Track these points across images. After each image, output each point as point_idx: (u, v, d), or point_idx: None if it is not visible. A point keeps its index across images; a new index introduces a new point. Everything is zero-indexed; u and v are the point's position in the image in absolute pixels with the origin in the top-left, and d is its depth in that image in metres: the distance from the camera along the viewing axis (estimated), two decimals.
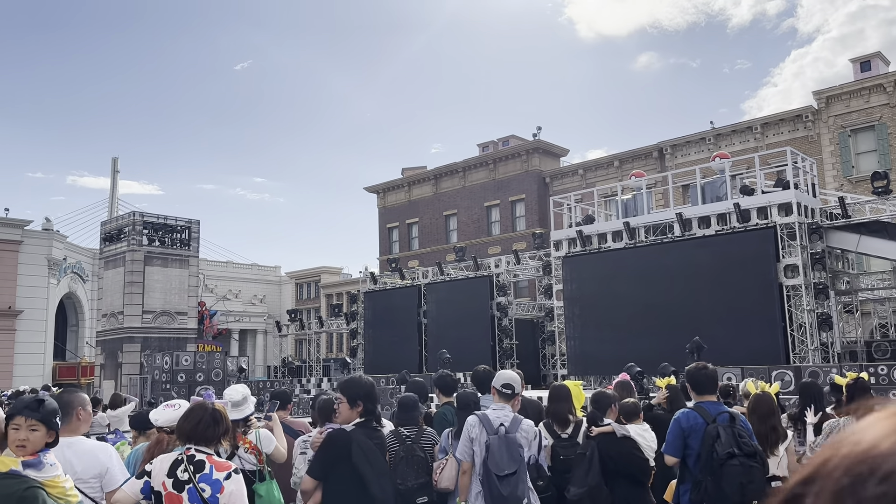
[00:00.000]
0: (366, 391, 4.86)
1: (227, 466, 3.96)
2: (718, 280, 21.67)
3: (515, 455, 5.22)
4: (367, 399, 4.83)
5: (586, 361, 24.89)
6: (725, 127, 37.15)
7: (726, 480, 4.93)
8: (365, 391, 4.86)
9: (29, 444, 3.28)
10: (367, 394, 4.86)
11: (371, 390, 4.90)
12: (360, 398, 4.81)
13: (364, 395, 4.84)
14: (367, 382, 4.98)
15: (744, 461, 4.96)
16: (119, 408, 12.52)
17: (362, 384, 4.95)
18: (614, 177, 39.29)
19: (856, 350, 24.67)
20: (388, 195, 51.96)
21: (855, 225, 21.60)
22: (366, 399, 4.82)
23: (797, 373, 15.28)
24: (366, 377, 5.24)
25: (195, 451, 3.92)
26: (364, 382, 4.98)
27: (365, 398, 4.83)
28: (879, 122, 32.80)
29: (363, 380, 5.07)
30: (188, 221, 36.50)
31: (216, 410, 4.13)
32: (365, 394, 4.84)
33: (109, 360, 34.40)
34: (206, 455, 3.93)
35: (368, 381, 5.01)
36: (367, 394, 4.85)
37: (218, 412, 4.12)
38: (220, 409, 4.17)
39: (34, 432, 3.29)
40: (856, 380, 6.21)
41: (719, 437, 5.04)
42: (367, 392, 4.87)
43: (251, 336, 62.17)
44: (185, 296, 35.71)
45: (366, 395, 4.84)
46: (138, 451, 5.41)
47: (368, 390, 4.88)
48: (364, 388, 4.89)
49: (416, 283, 32.35)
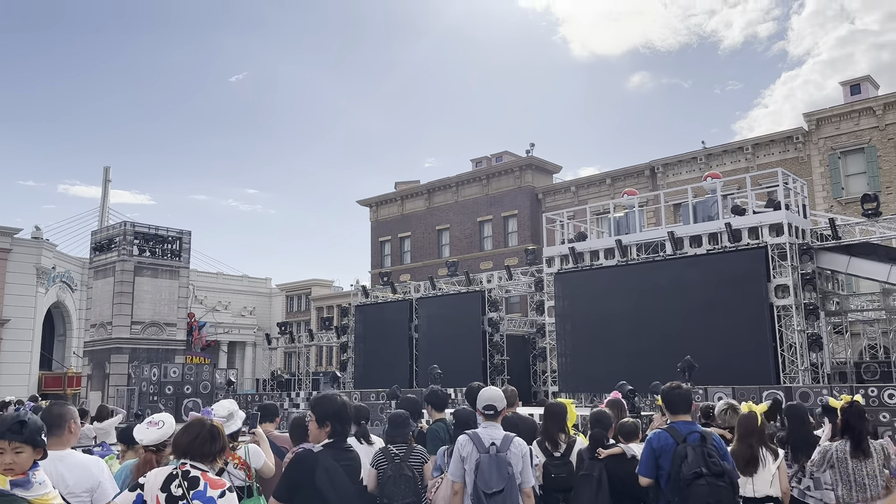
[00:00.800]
0: (334, 410, 4.61)
1: (222, 484, 3.91)
2: (709, 299, 21.72)
3: (504, 473, 5.19)
4: (335, 419, 4.59)
5: (577, 379, 24.86)
6: (717, 147, 37.42)
7: (693, 500, 4.93)
8: (334, 410, 4.61)
9: (16, 467, 3.23)
10: (336, 413, 4.61)
11: (341, 409, 4.64)
12: (329, 418, 4.57)
13: (332, 414, 4.59)
14: (336, 401, 4.72)
15: (711, 481, 4.95)
16: (106, 420, 12.38)
17: (331, 403, 4.69)
18: (606, 194, 39.46)
19: (845, 371, 24.74)
20: (381, 209, 51.98)
21: (845, 246, 21.73)
22: (334, 419, 4.59)
23: (788, 393, 15.28)
24: (338, 395, 4.92)
25: (190, 467, 3.87)
26: (333, 401, 4.72)
27: (333, 418, 4.59)
28: (869, 145, 33.12)
29: (333, 398, 4.79)
30: (179, 232, 36.36)
31: (214, 427, 4.08)
32: (333, 413, 4.60)
33: (97, 370, 34.10)
34: (200, 471, 3.88)
35: (339, 400, 4.74)
36: (335, 413, 4.61)
37: (216, 429, 4.07)
38: (218, 426, 4.12)
39: (19, 454, 3.24)
40: (850, 403, 6.20)
41: (686, 458, 5.04)
42: (336, 411, 4.62)
43: (240, 348, 61.81)
44: (174, 307, 35.49)
45: (334, 415, 4.60)
46: (126, 469, 5.31)
47: (338, 409, 4.63)
48: (333, 406, 4.64)
49: (408, 298, 32.30)
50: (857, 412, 6.13)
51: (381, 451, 6.29)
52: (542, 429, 6.66)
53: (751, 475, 5.75)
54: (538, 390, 29.17)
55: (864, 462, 5.97)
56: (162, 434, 4.76)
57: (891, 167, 32.47)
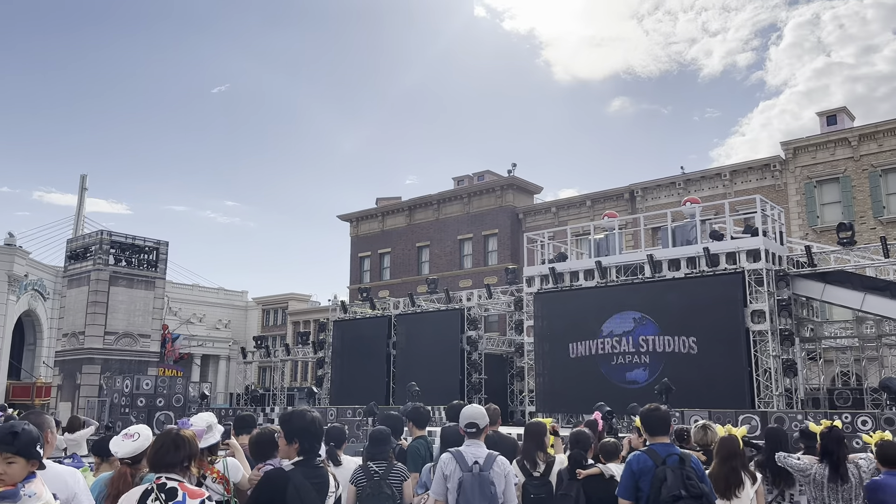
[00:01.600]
0: (302, 427, 4.49)
1: (200, 494, 3.86)
2: (687, 322, 21.91)
3: (487, 492, 5.17)
4: (302, 436, 4.46)
5: (554, 399, 24.88)
6: (695, 172, 37.93)
7: None
8: (301, 427, 4.49)
9: (7, 477, 3.18)
10: (304, 430, 4.47)
11: (309, 426, 4.50)
12: (296, 434, 4.45)
13: (299, 430, 4.47)
14: (306, 418, 4.56)
15: (689, 503, 4.97)
16: (77, 431, 12.15)
17: (299, 419, 4.55)
18: (586, 216, 39.76)
19: (818, 397, 25.03)
20: (362, 224, 51.89)
21: (820, 274, 22.06)
22: (301, 436, 4.46)
23: (763, 418, 15.42)
24: (309, 411, 4.74)
25: (166, 479, 3.82)
26: (302, 417, 4.57)
27: (300, 435, 4.47)
28: (844, 175, 33.77)
29: (303, 415, 4.63)
30: (157, 242, 35.99)
31: (178, 435, 4.02)
32: (301, 430, 4.47)
33: (67, 381, 33.48)
34: (177, 482, 3.82)
35: (308, 417, 4.59)
36: (303, 430, 4.48)
37: (180, 437, 4.01)
38: (184, 434, 4.07)
39: (11, 465, 3.19)
40: (830, 428, 6.25)
41: (666, 480, 5.04)
42: (304, 428, 4.49)
43: (214, 362, 61.08)
44: (149, 318, 35.04)
45: (301, 432, 4.47)
46: (101, 482, 5.19)
47: (306, 426, 4.49)
48: (301, 423, 4.51)
49: (387, 314, 32.18)
50: (835, 437, 6.18)
51: (360, 468, 6.25)
52: (521, 448, 6.66)
53: (730, 498, 5.76)
54: (515, 410, 29.13)
55: (841, 487, 6.02)
56: (137, 446, 4.67)
57: (864, 197, 33.10)
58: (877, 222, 32.43)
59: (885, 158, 32.92)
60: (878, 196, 32.74)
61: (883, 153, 32.99)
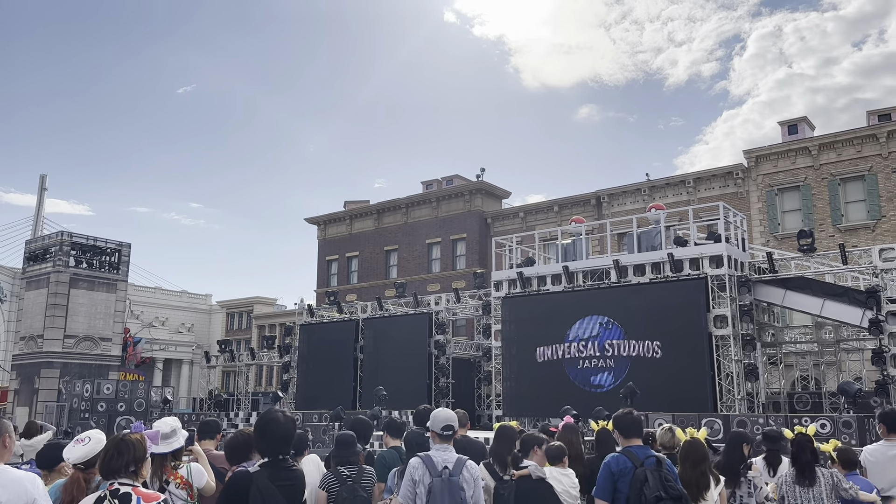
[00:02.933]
0: (258, 429, 4.51)
1: (156, 497, 3.81)
2: (652, 327, 22.18)
3: (457, 498, 5.16)
4: (259, 438, 4.48)
5: (521, 403, 24.98)
6: (660, 179, 38.47)
7: None
8: (258, 429, 4.51)
9: None
10: (260, 432, 4.49)
11: (264, 428, 4.49)
12: (259, 435, 4.48)
13: (257, 432, 4.50)
14: (263, 419, 4.55)
15: None
16: (35, 437, 11.85)
17: (258, 422, 4.56)
18: (554, 221, 40.07)
19: (779, 401, 25.51)
20: (329, 227, 51.58)
21: (781, 280, 22.52)
22: (259, 438, 4.49)
23: (725, 421, 15.66)
24: (280, 412, 4.68)
25: (118, 485, 3.77)
26: (261, 419, 4.57)
27: (258, 437, 4.49)
28: (804, 183, 34.55)
29: (262, 416, 4.63)
30: (119, 244, 35.34)
31: (121, 440, 3.97)
32: (257, 432, 4.50)
33: (25, 385, 32.66)
34: (131, 487, 3.78)
35: (266, 418, 4.56)
36: (258, 432, 4.50)
37: (123, 442, 3.96)
38: (129, 439, 4.01)
39: None
40: (797, 435, 6.48)
41: (647, 481, 5.12)
42: (260, 431, 4.50)
43: (176, 366, 60.11)
44: (110, 321, 34.38)
45: (258, 434, 4.50)
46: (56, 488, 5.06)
47: (261, 428, 4.50)
48: (258, 425, 4.54)
49: (354, 318, 32.00)
50: (801, 442, 6.38)
51: (331, 472, 6.19)
52: (491, 451, 6.67)
53: (697, 500, 5.86)
54: (482, 414, 29.17)
55: (809, 489, 6.20)
56: (88, 451, 4.56)
57: (824, 205, 33.91)
58: (836, 230, 33.22)
59: (843, 168, 33.77)
60: (837, 204, 33.56)
61: (842, 162, 33.83)
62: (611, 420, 6.24)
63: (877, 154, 32.99)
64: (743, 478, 6.69)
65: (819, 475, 6.26)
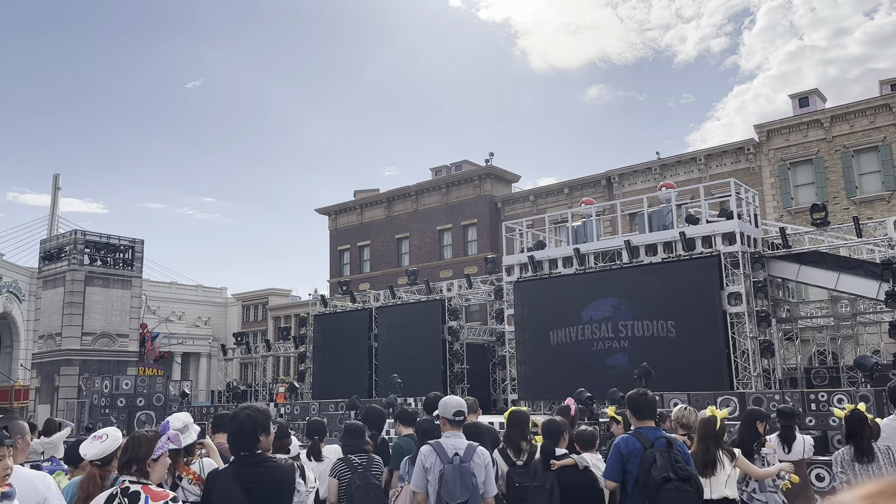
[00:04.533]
0: (226, 423, 4.51)
1: (164, 496, 3.85)
2: (665, 306, 22.09)
3: (468, 484, 5.17)
4: (230, 436, 4.45)
5: (536, 386, 25.00)
6: (670, 158, 38.16)
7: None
8: (226, 426, 4.52)
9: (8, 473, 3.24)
10: (226, 431, 4.47)
11: (227, 426, 4.42)
12: (225, 432, 4.53)
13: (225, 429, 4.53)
14: (227, 417, 4.50)
15: (679, 485, 5.06)
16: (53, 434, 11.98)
17: (228, 418, 4.54)
18: (564, 203, 39.89)
19: (796, 377, 25.39)
20: (340, 217, 51.65)
21: (795, 255, 22.32)
22: (229, 436, 4.46)
23: (741, 399, 15.60)
24: (243, 409, 4.54)
25: (129, 483, 3.82)
26: (227, 417, 4.54)
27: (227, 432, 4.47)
28: (817, 156, 34.16)
29: (232, 414, 4.56)
30: (132, 241, 35.58)
31: (132, 437, 4.05)
32: (226, 428, 4.51)
33: (46, 383, 33.07)
34: (141, 485, 3.82)
35: (229, 416, 4.47)
36: (227, 427, 4.49)
37: (133, 439, 4.03)
38: (137, 436, 4.08)
39: (4, 460, 3.27)
40: (852, 412, 6.42)
41: (655, 462, 5.13)
42: (228, 426, 4.47)
43: (194, 359, 60.61)
44: (126, 317, 34.69)
45: (228, 430, 4.46)
46: (73, 485, 5.13)
47: (226, 426, 4.48)
48: (226, 422, 4.54)
49: (368, 307, 32.10)
50: (857, 418, 6.34)
51: (341, 460, 6.23)
52: (504, 436, 6.66)
53: (708, 477, 5.87)
54: (497, 399, 29.24)
55: (868, 465, 6.15)
56: (105, 448, 4.62)
57: (837, 178, 33.53)
58: (850, 202, 32.86)
59: (856, 139, 33.33)
60: (851, 176, 33.16)
61: (854, 133, 33.39)
62: None
63: (891, 124, 32.53)
64: (757, 455, 6.67)
65: (877, 451, 6.20)
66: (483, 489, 5.24)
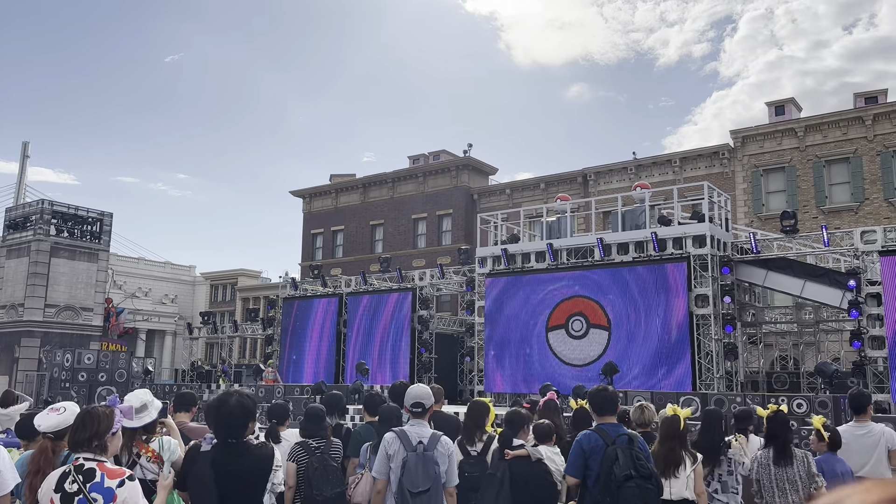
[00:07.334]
0: (209, 412, 4.46)
1: (121, 473, 3.76)
2: (634, 305, 22.31)
3: (431, 472, 5.16)
4: (210, 421, 4.44)
5: (503, 378, 25.11)
6: (647, 158, 38.45)
7: (623, 501, 5.04)
8: (209, 412, 4.47)
9: None
10: (211, 415, 4.43)
11: (215, 411, 4.42)
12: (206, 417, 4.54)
13: (208, 415, 4.46)
14: (215, 402, 4.48)
15: (640, 483, 5.09)
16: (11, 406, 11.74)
17: (211, 404, 4.52)
18: (540, 198, 40.01)
19: (757, 380, 25.83)
20: (315, 201, 51.26)
21: (763, 260, 22.66)
22: (209, 421, 4.46)
23: (703, 399, 15.82)
24: (232, 395, 4.56)
25: (84, 460, 3.71)
26: (214, 402, 4.51)
27: (208, 419, 4.45)
28: (789, 165, 34.66)
29: (216, 399, 4.57)
30: (101, 213, 34.97)
31: (88, 412, 3.92)
32: (208, 415, 4.46)
33: (5, 354, 32.44)
34: (96, 462, 3.72)
35: (217, 401, 4.48)
36: (209, 414, 4.46)
37: (90, 414, 3.90)
38: (94, 412, 3.93)
39: None
40: (775, 413, 6.45)
41: (618, 459, 5.14)
42: (211, 414, 4.46)
43: (159, 337, 59.89)
44: (91, 291, 34.14)
45: (209, 417, 4.45)
46: (24, 458, 5.00)
47: (212, 411, 4.45)
48: (209, 407, 4.51)
49: (338, 292, 31.94)
50: (780, 421, 6.38)
51: (299, 444, 6.19)
52: (462, 426, 6.68)
53: (668, 478, 5.88)
54: (464, 389, 29.35)
55: (784, 469, 6.20)
56: (62, 420, 4.51)
57: (808, 187, 34.07)
58: (819, 211, 33.42)
59: (829, 150, 33.87)
60: (821, 186, 33.72)
61: (827, 144, 33.93)
62: None
63: (862, 137, 33.10)
64: (723, 456, 6.73)
65: (794, 454, 6.26)
66: (445, 478, 5.24)
